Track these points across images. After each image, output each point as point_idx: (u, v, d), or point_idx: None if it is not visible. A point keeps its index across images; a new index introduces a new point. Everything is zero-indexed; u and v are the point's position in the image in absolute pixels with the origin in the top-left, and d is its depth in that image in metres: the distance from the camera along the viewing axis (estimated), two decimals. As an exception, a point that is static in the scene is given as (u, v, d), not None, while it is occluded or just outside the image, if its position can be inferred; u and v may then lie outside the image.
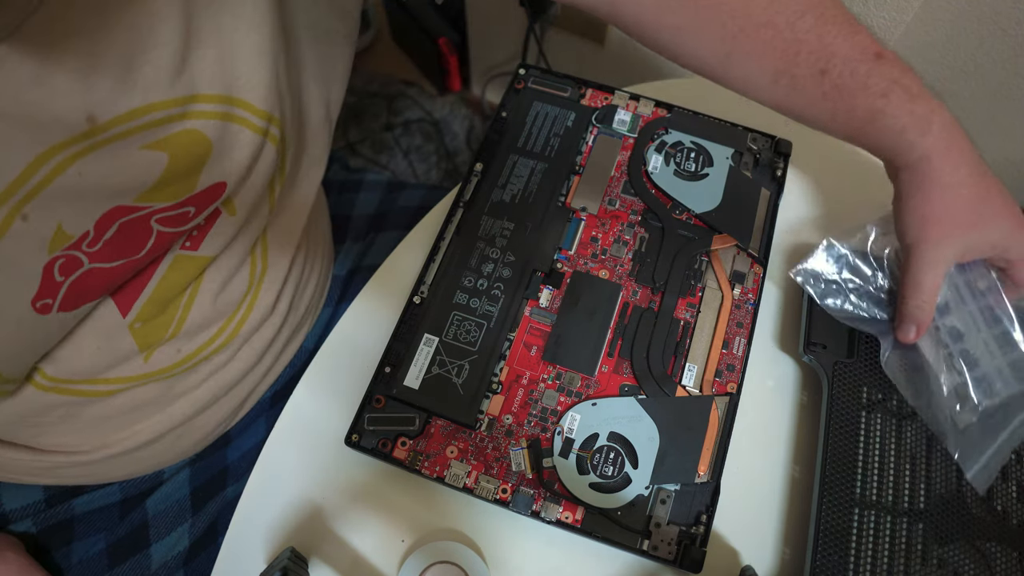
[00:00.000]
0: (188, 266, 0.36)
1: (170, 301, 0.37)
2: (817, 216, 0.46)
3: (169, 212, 0.32)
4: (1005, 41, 0.78)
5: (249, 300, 0.42)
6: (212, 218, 0.36)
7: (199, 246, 0.36)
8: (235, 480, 0.47)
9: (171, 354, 0.38)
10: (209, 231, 0.36)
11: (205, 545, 0.45)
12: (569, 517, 0.35)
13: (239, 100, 0.32)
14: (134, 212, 0.31)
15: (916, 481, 0.35)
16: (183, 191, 0.32)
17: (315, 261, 0.49)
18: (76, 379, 0.35)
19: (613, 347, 0.39)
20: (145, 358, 0.37)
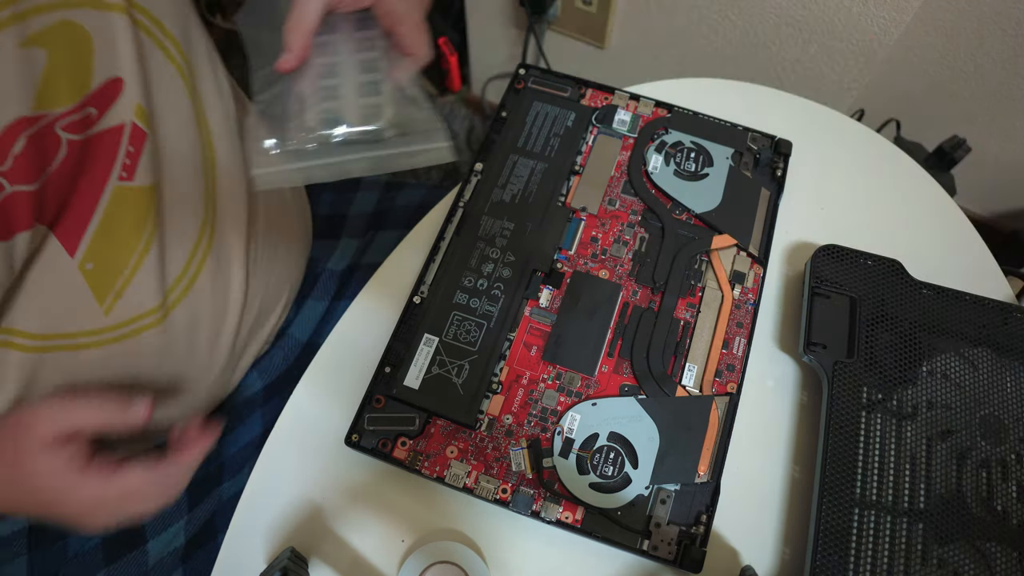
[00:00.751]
0: (130, 198, 0.35)
1: (122, 241, 0.36)
2: (817, 216, 0.46)
3: (72, 116, 0.32)
4: (1005, 41, 0.78)
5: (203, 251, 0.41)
6: (137, 139, 0.35)
7: (133, 175, 0.35)
8: (231, 476, 0.47)
9: (133, 307, 0.38)
10: (140, 157, 0.35)
11: (203, 543, 0.45)
12: (569, 517, 0.35)
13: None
14: (36, 122, 0.30)
15: (916, 481, 0.35)
16: (78, 90, 0.32)
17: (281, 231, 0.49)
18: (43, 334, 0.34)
19: (613, 347, 0.39)
20: (106, 311, 0.36)
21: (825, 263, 0.41)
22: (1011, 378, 0.37)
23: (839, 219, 0.46)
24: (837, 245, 0.41)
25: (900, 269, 0.40)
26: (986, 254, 0.45)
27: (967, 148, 0.78)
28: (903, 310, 0.39)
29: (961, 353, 0.38)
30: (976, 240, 0.45)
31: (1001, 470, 0.35)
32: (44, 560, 0.42)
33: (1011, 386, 0.37)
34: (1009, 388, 0.37)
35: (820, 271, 0.40)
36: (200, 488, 0.46)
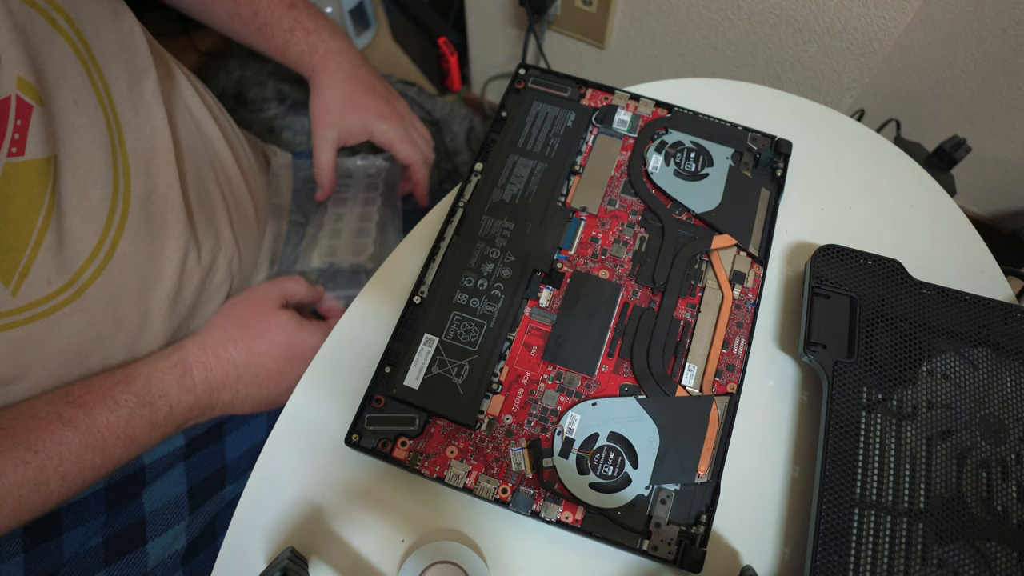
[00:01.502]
0: (21, 173, 0.34)
1: (20, 220, 0.35)
2: (817, 216, 0.46)
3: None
4: (1005, 41, 0.78)
5: (117, 222, 0.39)
6: (23, 112, 0.34)
7: (24, 149, 0.34)
8: (234, 480, 0.47)
9: (41, 286, 0.36)
10: (27, 129, 0.34)
11: (204, 545, 0.45)
12: (569, 517, 0.35)
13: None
14: None
15: (916, 481, 0.35)
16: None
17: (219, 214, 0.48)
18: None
19: (613, 347, 0.39)
20: (12, 291, 0.35)
21: (825, 263, 0.41)
22: (1011, 378, 0.37)
23: (839, 219, 0.46)
24: (837, 245, 0.41)
25: (900, 269, 0.40)
26: (986, 254, 0.45)
27: (967, 148, 0.78)
28: (903, 310, 0.39)
29: (961, 353, 0.38)
30: (976, 240, 0.45)
31: (1001, 470, 0.35)
32: (40, 560, 0.42)
33: (1011, 386, 0.37)
34: (1009, 388, 0.37)
35: (820, 271, 0.40)
36: (202, 491, 0.46)
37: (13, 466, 0.35)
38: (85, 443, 0.37)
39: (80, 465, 0.37)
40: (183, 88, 0.49)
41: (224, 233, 0.49)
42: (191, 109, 0.49)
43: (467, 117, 1.27)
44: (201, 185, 0.47)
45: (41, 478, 0.36)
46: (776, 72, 0.84)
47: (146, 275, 0.42)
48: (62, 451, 0.36)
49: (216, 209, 0.48)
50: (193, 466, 0.46)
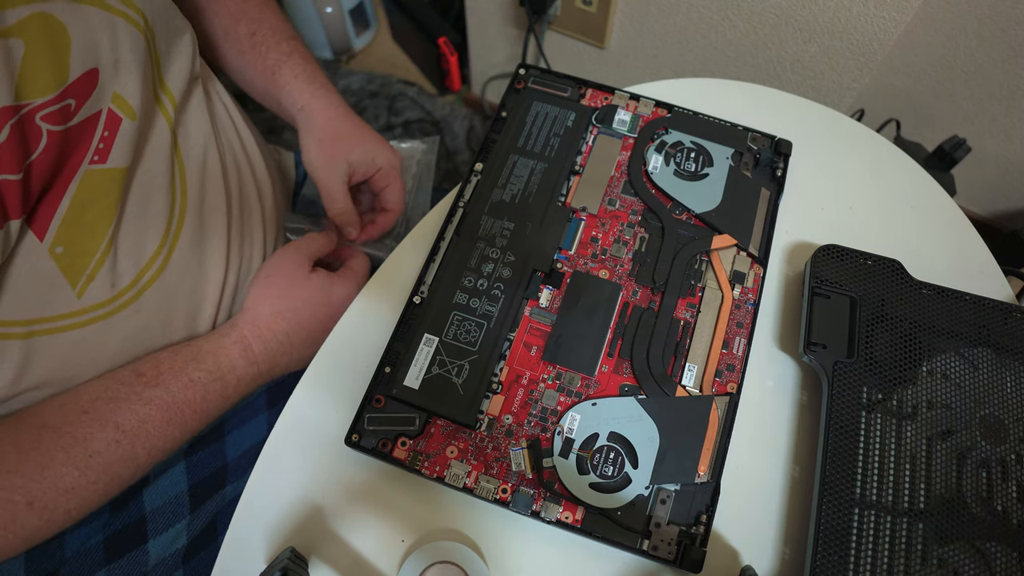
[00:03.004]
0: (101, 180, 0.36)
1: (94, 224, 0.36)
2: (817, 216, 0.46)
3: (51, 107, 0.32)
4: (1005, 41, 0.78)
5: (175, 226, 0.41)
6: (112, 124, 0.36)
7: (107, 158, 0.36)
8: (235, 479, 0.47)
9: (105, 289, 0.38)
10: (114, 140, 0.36)
11: (204, 544, 0.45)
12: (569, 517, 0.35)
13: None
14: (18, 112, 0.31)
15: (916, 481, 0.35)
16: (56, 81, 0.32)
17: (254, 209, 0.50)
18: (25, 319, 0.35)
19: (613, 347, 0.39)
20: (78, 293, 0.36)
21: (825, 263, 0.41)
22: (1011, 378, 0.37)
23: (839, 219, 0.46)
24: (837, 245, 0.41)
25: (900, 269, 0.40)
26: (986, 254, 0.45)
27: (967, 148, 0.78)
28: (903, 310, 0.39)
29: (961, 353, 0.38)
30: (976, 240, 0.45)
31: (1001, 470, 0.35)
32: (41, 558, 0.42)
33: (1011, 386, 0.37)
34: (1009, 388, 0.37)
35: (820, 271, 0.40)
36: (203, 490, 0.46)
37: (106, 445, 0.36)
38: (167, 419, 0.39)
39: (163, 440, 0.39)
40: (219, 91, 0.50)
41: (257, 234, 0.50)
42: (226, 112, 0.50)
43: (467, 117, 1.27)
44: (240, 188, 0.48)
45: (131, 454, 0.37)
46: (776, 72, 0.84)
47: (197, 278, 0.44)
48: (147, 428, 0.38)
49: (252, 209, 0.50)
50: (194, 465, 0.46)
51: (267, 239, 0.51)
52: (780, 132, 0.46)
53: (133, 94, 0.37)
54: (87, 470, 0.36)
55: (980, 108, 0.87)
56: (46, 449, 0.35)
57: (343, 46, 1.29)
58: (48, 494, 0.34)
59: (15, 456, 0.34)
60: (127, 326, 0.40)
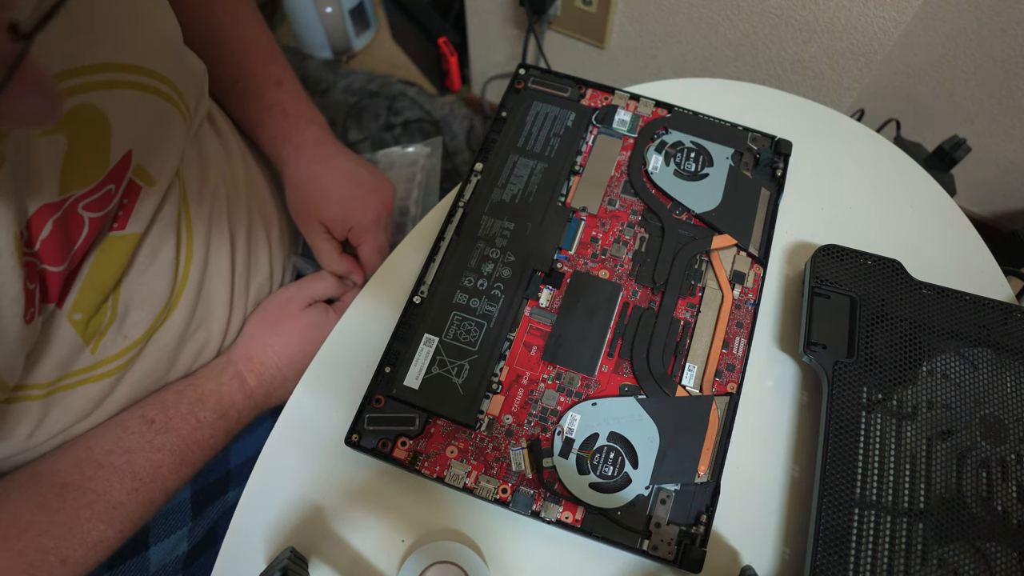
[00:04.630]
0: (119, 246, 0.36)
1: (108, 287, 0.37)
2: (817, 216, 0.46)
3: (92, 196, 0.32)
4: (1005, 41, 0.78)
5: (181, 273, 0.42)
6: (132, 193, 0.36)
7: (126, 224, 0.36)
8: (236, 485, 0.47)
9: (118, 341, 0.38)
10: (133, 208, 0.36)
11: (205, 549, 0.45)
12: (569, 517, 0.35)
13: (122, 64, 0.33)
14: (60, 206, 0.31)
15: (916, 481, 0.35)
16: (98, 171, 0.32)
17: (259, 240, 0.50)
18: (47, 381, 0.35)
19: (613, 347, 0.39)
20: (92, 349, 0.37)
21: (825, 263, 0.41)
22: (1011, 378, 0.37)
23: (839, 219, 0.46)
24: (837, 245, 0.41)
25: (900, 269, 0.40)
26: (986, 254, 0.45)
27: (967, 148, 0.78)
28: (903, 310, 0.39)
29: (961, 353, 0.38)
30: (976, 240, 0.45)
31: (1001, 470, 0.35)
32: None
33: (1011, 386, 0.37)
34: (1009, 388, 0.37)
35: (820, 271, 0.40)
36: (205, 497, 0.46)
37: (127, 495, 0.37)
38: (180, 462, 0.40)
39: (177, 480, 0.41)
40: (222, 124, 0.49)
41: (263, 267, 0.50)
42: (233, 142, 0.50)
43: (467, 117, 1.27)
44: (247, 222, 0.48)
45: (149, 498, 0.39)
46: (776, 72, 0.84)
47: (200, 319, 0.44)
48: (163, 473, 0.39)
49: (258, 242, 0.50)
50: (198, 473, 0.46)
51: (273, 270, 0.51)
52: (780, 132, 0.46)
53: (157, 165, 0.37)
54: (112, 522, 0.37)
55: (980, 108, 0.87)
56: (71, 509, 0.36)
57: (343, 46, 1.29)
58: (79, 550, 0.35)
59: (44, 519, 0.35)
60: (136, 372, 0.41)
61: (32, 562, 0.33)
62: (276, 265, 0.52)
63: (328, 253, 0.50)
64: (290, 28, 1.30)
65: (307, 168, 0.49)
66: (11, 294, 0.29)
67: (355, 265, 0.51)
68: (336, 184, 0.49)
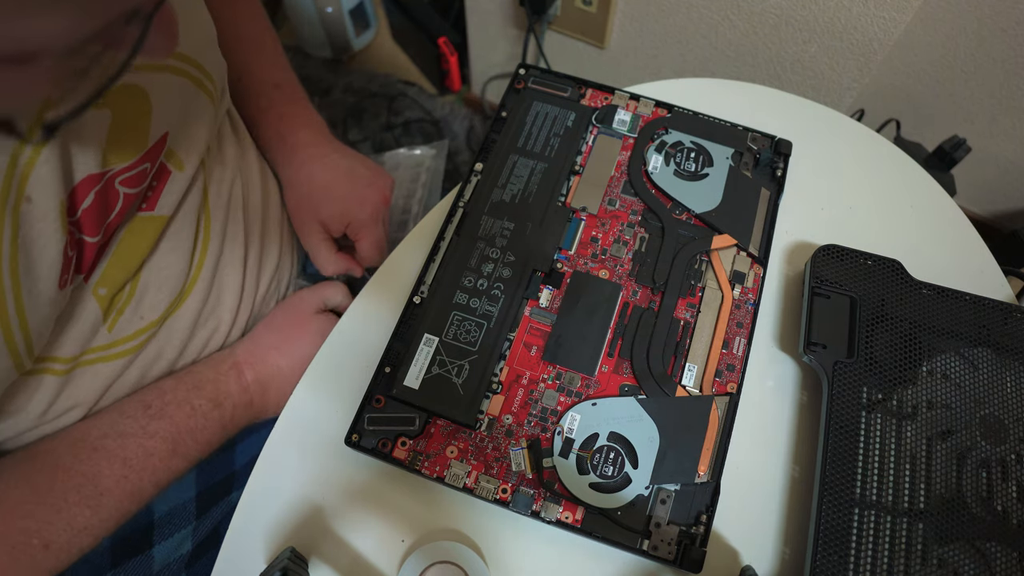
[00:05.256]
0: (147, 227, 0.37)
1: (134, 266, 0.37)
2: (817, 216, 0.46)
3: (130, 172, 0.34)
4: (1005, 41, 0.78)
5: (198, 259, 0.42)
6: (162, 176, 0.37)
7: (155, 206, 0.37)
8: (240, 485, 0.47)
9: (134, 321, 0.39)
10: (163, 189, 0.37)
11: (208, 549, 0.45)
12: (569, 517, 0.35)
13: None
14: (102, 178, 0.32)
15: (916, 481, 0.35)
16: (137, 148, 0.34)
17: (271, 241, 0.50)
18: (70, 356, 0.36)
19: (613, 347, 0.39)
20: (109, 327, 0.37)
21: (825, 263, 0.41)
22: (1011, 378, 0.37)
23: (839, 219, 0.46)
24: (837, 245, 0.41)
25: (900, 269, 0.40)
26: (986, 254, 0.45)
27: (967, 148, 0.78)
28: (903, 310, 0.39)
29: (961, 353, 0.38)
30: (976, 240, 0.45)
31: (1001, 470, 0.35)
32: None
33: (1011, 386, 0.37)
34: (1009, 388, 0.37)
35: (820, 271, 0.40)
36: (209, 497, 0.46)
37: (115, 483, 0.37)
38: (172, 451, 0.40)
39: (168, 471, 0.40)
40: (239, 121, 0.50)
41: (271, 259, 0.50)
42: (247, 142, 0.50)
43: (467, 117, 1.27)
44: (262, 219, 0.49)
45: (138, 488, 0.38)
46: (776, 72, 0.84)
47: (211, 308, 0.44)
48: (154, 462, 0.39)
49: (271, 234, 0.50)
50: (203, 472, 0.46)
51: (281, 264, 0.52)
52: (780, 132, 0.46)
53: (187, 150, 0.38)
54: (98, 508, 0.36)
55: (980, 108, 0.87)
56: (60, 491, 0.35)
57: (343, 46, 1.29)
58: (63, 535, 0.35)
59: (32, 499, 0.35)
60: (147, 356, 0.41)
61: (14, 545, 0.33)
62: (285, 260, 0.52)
63: (324, 254, 0.50)
64: (290, 28, 1.30)
65: (301, 168, 0.49)
66: (51, 256, 0.30)
67: (352, 263, 0.51)
68: (332, 182, 0.49)
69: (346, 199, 0.49)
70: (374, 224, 0.50)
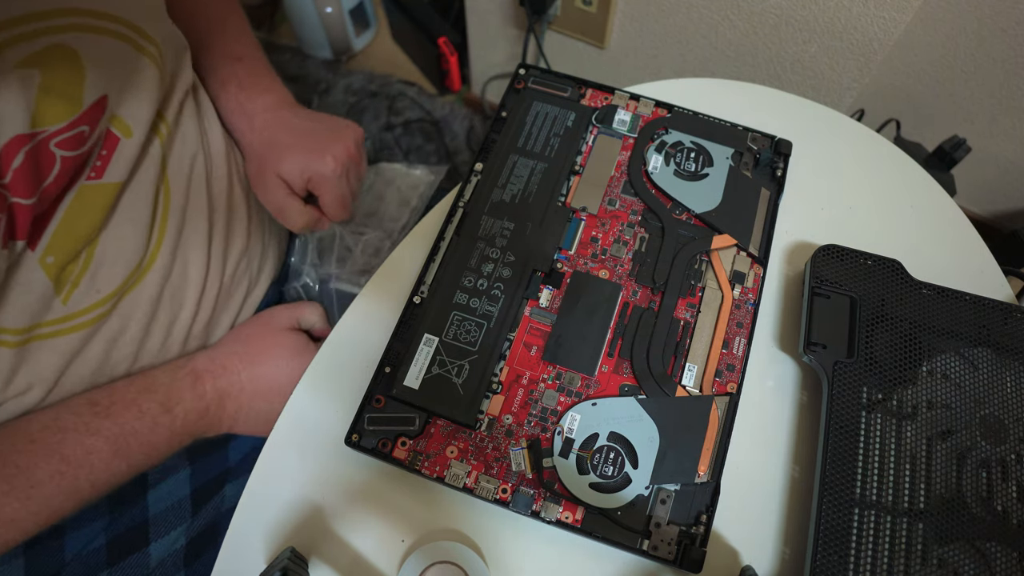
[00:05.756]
0: (95, 195, 0.37)
1: (84, 235, 0.37)
2: (817, 216, 0.46)
3: (65, 134, 0.33)
4: (1005, 41, 0.78)
5: (157, 233, 0.41)
6: (111, 143, 0.37)
7: (103, 174, 0.37)
8: (234, 480, 0.47)
9: (90, 294, 0.38)
10: (111, 157, 0.37)
11: (206, 546, 0.45)
12: (569, 517, 0.35)
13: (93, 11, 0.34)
14: (33, 139, 0.32)
15: (916, 481, 0.35)
16: (70, 109, 0.33)
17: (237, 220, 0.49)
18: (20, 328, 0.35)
19: (613, 347, 0.39)
20: (63, 299, 0.37)
21: (825, 263, 0.41)
22: (1011, 378, 0.37)
23: (839, 219, 0.46)
24: (837, 245, 0.41)
25: (900, 269, 0.40)
26: (986, 254, 0.45)
27: (967, 148, 0.78)
28: (903, 310, 0.39)
29: (961, 353, 0.38)
30: (976, 240, 0.45)
31: (1001, 470, 0.35)
32: (42, 561, 0.42)
33: (1011, 386, 0.37)
34: (1009, 388, 0.37)
35: (820, 271, 0.40)
36: (204, 493, 0.46)
37: (49, 477, 0.36)
38: (113, 451, 0.39)
39: (108, 472, 0.39)
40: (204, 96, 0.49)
41: (240, 237, 0.50)
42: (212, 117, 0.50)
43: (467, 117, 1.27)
44: (227, 193, 0.48)
45: (74, 487, 0.37)
46: (776, 72, 0.84)
47: (177, 283, 0.44)
48: (92, 460, 0.38)
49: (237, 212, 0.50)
50: (198, 469, 0.46)
51: (252, 247, 0.51)
52: (780, 132, 0.46)
53: (134, 115, 0.38)
54: (28, 501, 0.35)
55: (980, 108, 0.87)
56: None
57: (343, 46, 1.29)
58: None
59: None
60: (109, 331, 0.40)
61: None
62: (255, 242, 0.51)
63: (289, 206, 0.48)
64: (290, 28, 1.30)
65: (261, 133, 0.48)
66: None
67: (320, 215, 0.50)
68: (292, 140, 0.48)
69: (306, 152, 0.48)
70: (336, 178, 0.49)
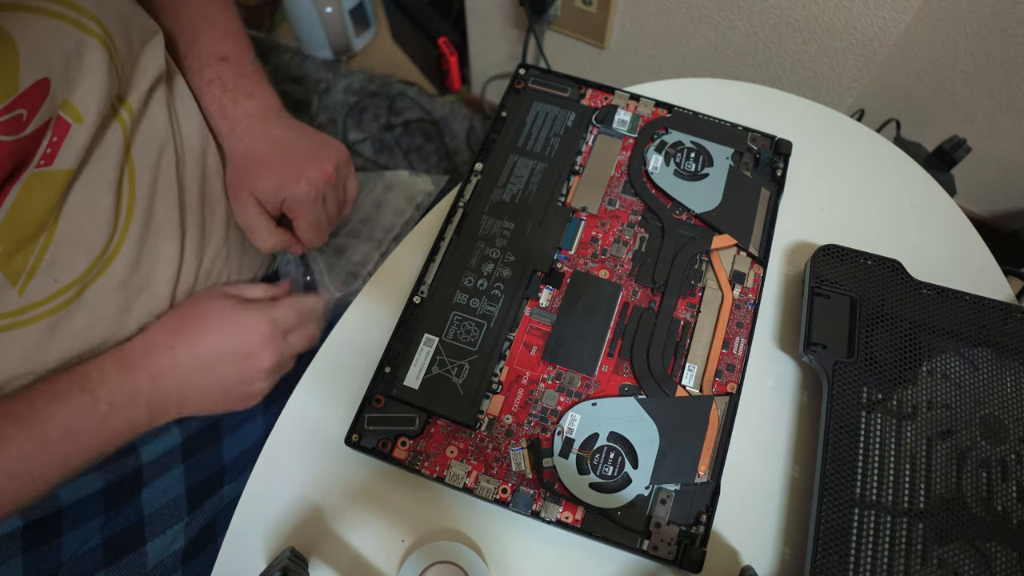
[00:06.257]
0: (44, 183, 0.36)
1: (35, 223, 0.36)
2: (817, 216, 0.46)
3: (2, 117, 0.32)
4: (1005, 41, 0.78)
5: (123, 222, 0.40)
6: (61, 129, 0.36)
7: (53, 161, 0.36)
8: (232, 479, 0.47)
9: (48, 284, 0.37)
10: (62, 144, 0.36)
11: (204, 545, 0.45)
12: (569, 517, 0.35)
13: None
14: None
15: (916, 481, 0.35)
16: (5, 92, 0.33)
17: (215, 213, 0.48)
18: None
19: (613, 347, 0.39)
20: (19, 291, 0.36)
21: (825, 263, 0.41)
22: (1011, 378, 0.37)
23: (839, 219, 0.46)
24: (837, 245, 0.41)
25: (900, 269, 0.40)
26: (986, 254, 0.45)
27: (967, 148, 0.78)
28: (903, 310, 0.39)
29: (961, 353, 0.38)
30: (976, 240, 0.45)
31: (1001, 470, 0.35)
32: (40, 561, 0.41)
33: (1011, 386, 0.37)
34: (1009, 388, 0.37)
35: (820, 271, 0.40)
36: (201, 491, 0.46)
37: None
38: (28, 436, 0.35)
39: (24, 458, 0.35)
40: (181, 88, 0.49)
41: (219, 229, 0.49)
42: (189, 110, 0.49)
43: (467, 117, 1.27)
44: (201, 183, 0.47)
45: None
46: (776, 72, 0.84)
47: (146, 274, 0.43)
48: (9, 449, 0.35)
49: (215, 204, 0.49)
50: (191, 467, 0.46)
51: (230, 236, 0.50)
52: (780, 132, 0.46)
53: (84, 100, 0.37)
54: None
55: (980, 108, 0.87)
56: None
57: (343, 46, 1.29)
58: None
59: None
60: (72, 324, 0.39)
61: None
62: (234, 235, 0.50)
63: (260, 228, 0.46)
64: (290, 28, 1.30)
65: (241, 141, 0.47)
66: None
67: (292, 238, 0.48)
68: (270, 155, 0.46)
69: (281, 171, 0.45)
70: (311, 202, 0.46)
